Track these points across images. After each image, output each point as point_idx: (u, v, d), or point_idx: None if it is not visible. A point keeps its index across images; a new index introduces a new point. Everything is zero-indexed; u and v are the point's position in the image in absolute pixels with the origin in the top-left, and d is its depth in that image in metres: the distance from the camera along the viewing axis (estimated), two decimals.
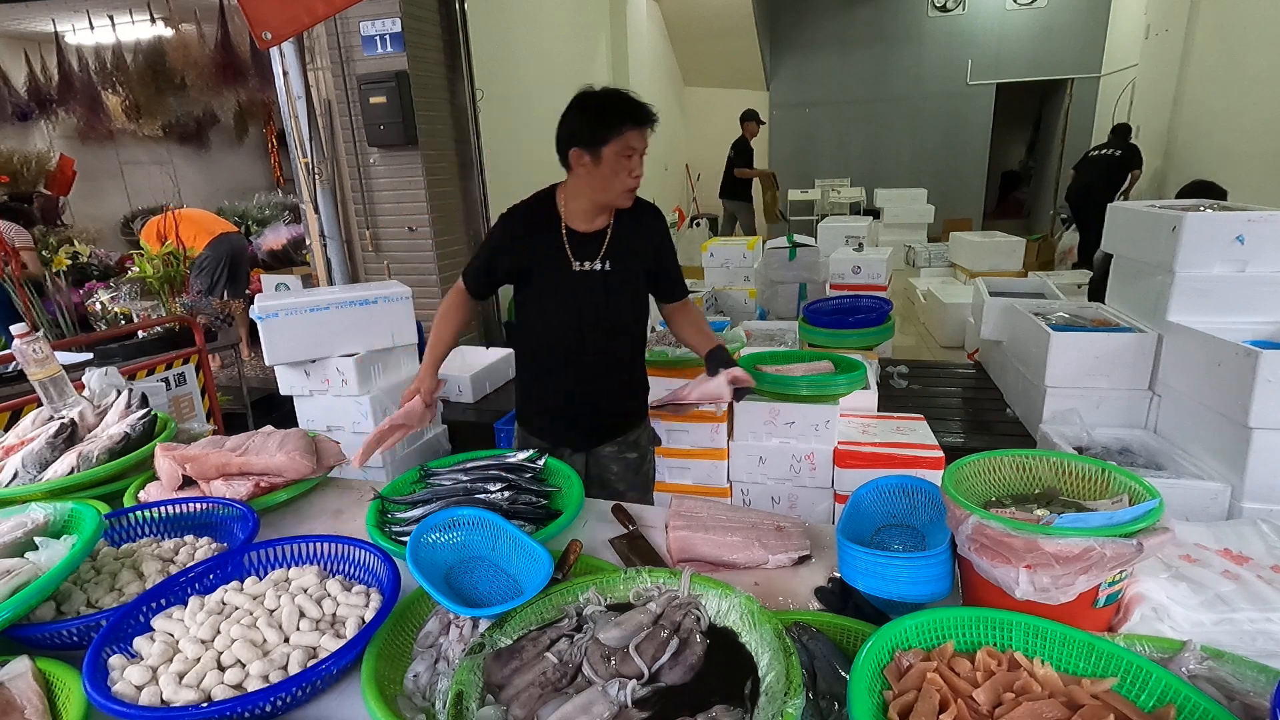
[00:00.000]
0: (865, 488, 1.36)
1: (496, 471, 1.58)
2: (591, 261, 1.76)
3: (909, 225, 9.02)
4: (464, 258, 5.00)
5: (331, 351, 2.96)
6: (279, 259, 6.51)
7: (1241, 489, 2.31)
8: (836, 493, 2.72)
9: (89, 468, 1.62)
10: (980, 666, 0.89)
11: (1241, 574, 1.05)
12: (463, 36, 4.72)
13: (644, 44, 9.10)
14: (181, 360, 3.22)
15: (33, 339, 1.84)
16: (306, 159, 4.27)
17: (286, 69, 4.10)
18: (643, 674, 0.95)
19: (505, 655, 1.01)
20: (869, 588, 1.11)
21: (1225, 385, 2.35)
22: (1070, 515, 0.98)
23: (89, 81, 6.08)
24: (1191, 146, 6.37)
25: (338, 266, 4.53)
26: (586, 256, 1.76)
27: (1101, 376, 2.86)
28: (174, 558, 1.34)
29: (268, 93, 5.72)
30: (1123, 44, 8.64)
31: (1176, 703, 0.81)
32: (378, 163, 4.53)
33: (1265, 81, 5.23)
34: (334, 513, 1.65)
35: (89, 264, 5.45)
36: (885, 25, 11.11)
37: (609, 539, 1.47)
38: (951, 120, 11.17)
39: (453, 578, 1.24)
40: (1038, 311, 3.35)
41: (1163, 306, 2.70)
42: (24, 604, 1.06)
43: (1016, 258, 6.76)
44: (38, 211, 6.15)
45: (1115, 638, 0.92)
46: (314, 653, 1.05)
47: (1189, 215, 2.55)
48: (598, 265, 1.76)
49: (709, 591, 1.09)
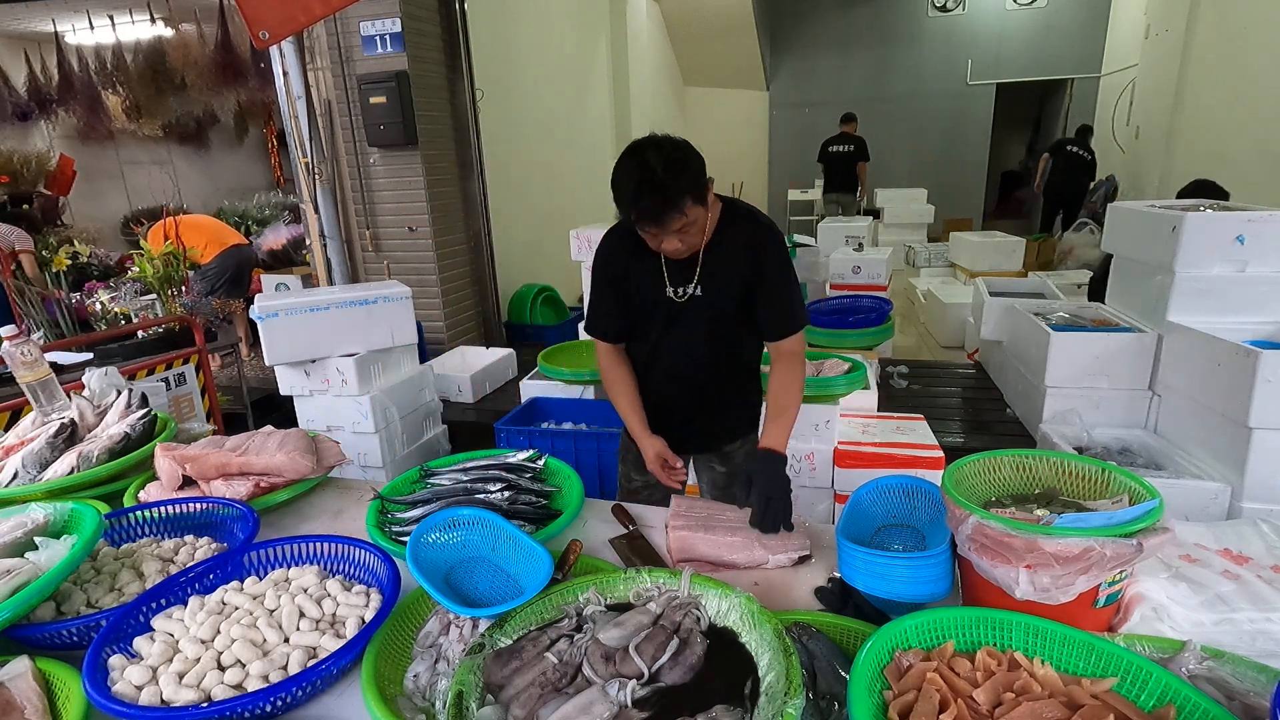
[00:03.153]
0: (865, 488, 1.36)
1: (496, 471, 1.59)
2: (685, 287, 1.65)
3: (909, 225, 9.03)
4: (464, 257, 5.00)
5: (331, 351, 2.96)
6: (279, 259, 6.51)
7: (1241, 489, 2.31)
8: (836, 493, 2.72)
9: (89, 468, 1.62)
10: (980, 666, 0.89)
11: (1241, 574, 1.05)
12: (463, 36, 4.72)
13: (644, 44, 9.10)
14: (181, 360, 3.22)
15: (22, 341, 1.83)
16: (306, 159, 4.26)
17: (286, 69, 4.10)
18: (643, 674, 0.95)
19: (505, 655, 1.01)
20: (869, 588, 1.11)
21: (1225, 385, 2.35)
22: (1070, 515, 0.98)
23: (89, 81, 6.08)
24: (1191, 146, 6.37)
25: (338, 266, 4.53)
26: (682, 282, 1.65)
27: (1101, 376, 2.86)
28: (174, 558, 1.34)
29: (268, 93, 5.73)
30: (1123, 44, 8.63)
31: (1176, 703, 0.81)
32: (378, 163, 4.54)
33: (1265, 82, 5.23)
34: (334, 513, 1.65)
35: (89, 264, 5.45)
36: (885, 25, 11.11)
37: (609, 539, 1.47)
38: (951, 120, 11.17)
39: (453, 578, 1.24)
40: (1038, 311, 3.35)
41: (1163, 306, 2.70)
42: (24, 604, 1.05)
43: (1016, 258, 6.76)
44: (38, 212, 6.16)
45: (1115, 638, 0.91)
46: (314, 653, 1.05)
47: (1189, 215, 2.55)
48: (691, 291, 1.65)
49: (709, 591, 1.09)
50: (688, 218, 1.48)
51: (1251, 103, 5.42)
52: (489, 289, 5.25)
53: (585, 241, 3.99)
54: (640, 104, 8.85)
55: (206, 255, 4.87)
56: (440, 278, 4.71)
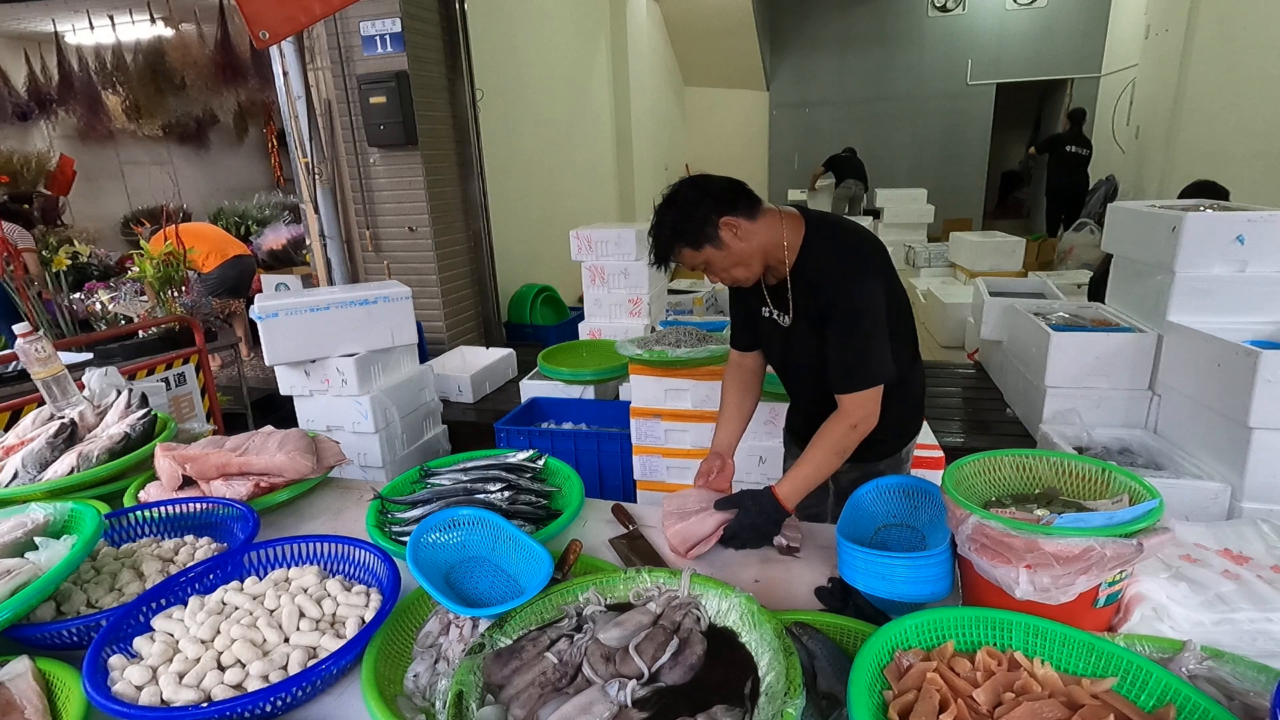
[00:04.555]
0: (865, 488, 1.36)
1: (496, 471, 1.59)
2: (780, 313, 1.66)
3: (909, 225, 9.03)
4: (464, 257, 5.00)
5: (331, 351, 2.95)
6: (279, 259, 6.51)
7: (1241, 489, 2.31)
8: None
9: (89, 468, 1.62)
10: (980, 666, 0.89)
11: (1241, 574, 1.05)
12: (463, 36, 4.72)
13: (644, 44, 9.09)
14: (181, 360, 3.22)
15: (35, 338, 1.85)
16: (306, 159, 4.26)
17: (286, 69, 4.10)
18: (643, 674, 0.95)
19: (505, 655, 1.01)
20: (869, 588, 1.11)
21: (1225, 385, 2.35)
22: (1070, 515, 0.98)
23: (89, 81, 6.08)
24: (1191, 146, 6.37)
25: (338, 266, 4.53)
26: (777, 306, 1.67)
27: (1101, 376, 2.86)
28: (174, 558, 1.34)
29: (268, 93, 5.72)
30: (1123, 44, 8.63)
31: (1176, 703, 0.81)
32: (378, 163, 4.54)
33: (1265, 81, 5.23)
34: (334, 513, 1.65)
35: (89, 264, 5.45)
36: (885, 25, 11.11)
37: (609, 539, 1.47)
38: (951, 120, 11.18)
39: (453, 578, 1.24)
40: (1038, 311, 3.35)
41: (1163, 306, 2.70)
42: (24, 604, 1.06)
43: (1016, 258, 6.76)
44: (37, 212, 6.16)
45: (1115, 638, 0.92)
46: (314, 653, 1.05)
47: (1189, 215, 2.55)
48: (784, 318, 1.65)
49: (709, 591, 1.09)
50: (698, 258, 1.52)
51: (1251, 103, 5.42)
52: (489, 289, 5.25)
53: (585, 241, 4.00)
54: (640, 104, 8.86)
55: (208, 265, 4.87)
56: (440, 278, 4.70)
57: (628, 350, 2.68)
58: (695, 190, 1.51)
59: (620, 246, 3.95)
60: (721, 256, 1.52)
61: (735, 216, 1.49)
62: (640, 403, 2.76)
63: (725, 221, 1.48)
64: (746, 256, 1.54)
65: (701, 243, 1.50)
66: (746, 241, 1.52)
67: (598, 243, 3.97)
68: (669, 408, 2.72)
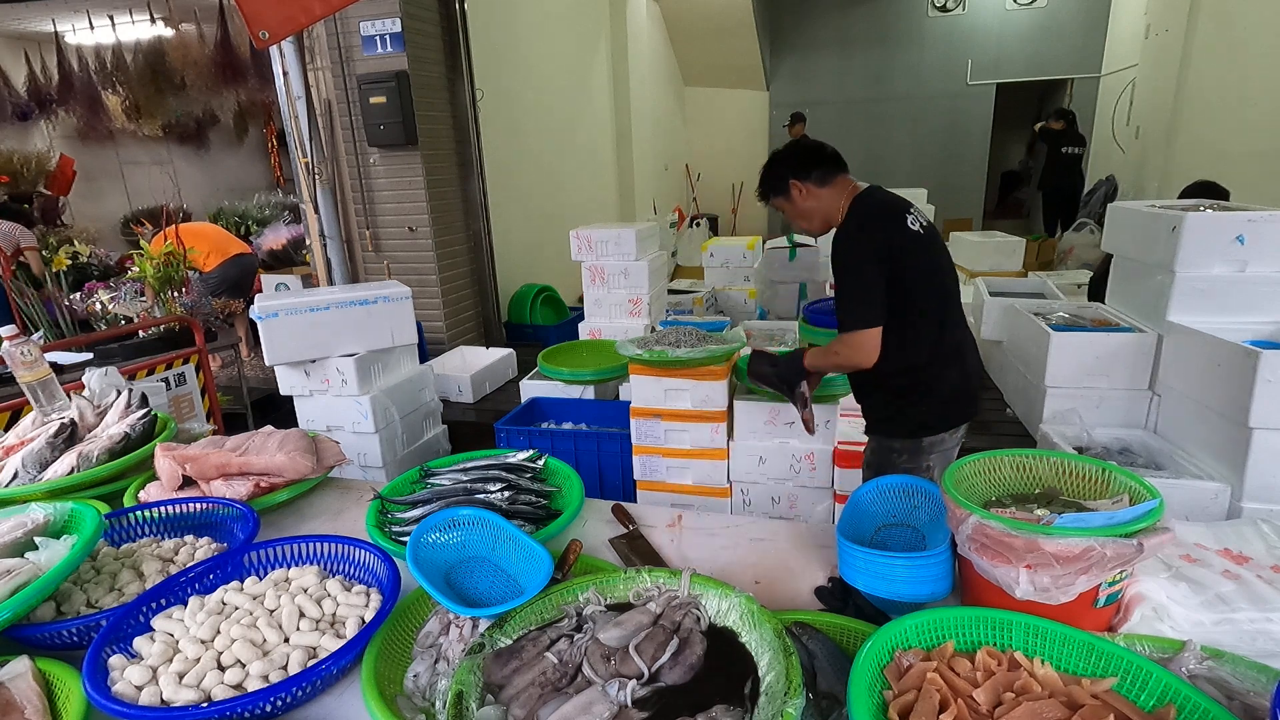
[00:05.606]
0: (865, 488, 1.36)
1: (496, 471, 1.59)
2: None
3: None
4: (464, 257, 5.00)
5: (331, 351, 2.96)
6: (279, 259, 6.51)
7: (1241, 489, 2.31)
8: (836, 493, 2.72)
9: (89, 468, 1.62)
10: (980, 666, 0.89)
11: (1242, 574, 1.05)
12: (463, 36, 4.72)
13: (644, 44, 9.09)
14: (181, 360, 3.22)
15: (21, 341, 1.83)
16: (306, 159, 4.26)
17: (286, 69, 4.10)
18: (643, 674, 0.95)
19: (505, 655, 1.01)
20: (869, 588, 1.11)
21: (1225, 385, 2.35)
22: (1070, 515, 0.98)
23: (89, 81, 6.08)
24: (1191, 146, 6.36)
25: (338, 266, 4.53)
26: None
27: (1101, 376, 2.86)
28: (174, 558, 1.34)
29: (268, 93, 5.73)
30: (1123, 44, 8.63)
31: (1176, 703, 0.81)
32: (378, 163, 4.53)
33: (1265, 81, 5.22)
34: (334, 513, 1.65)
35: (89, 264, 5.45)
36: (885, 25, 11.09)
37: (609, 539, 1.47)
38: (951, 120, 11.16)
39: (453, 578, 1.24)
40: (1038, 311, 3.35)
41: (1163, 306, 2.70)
42: (24, 604, 1.06)
43: (1016, 258, 6.75)
44: (37, 212, 6.16)
45: (1115, 638, 0.92)
46: (314, 653, 1.05)
47: (1189, 215, 2.55)
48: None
49: (709, 591, 1.09)
50: (776, 203, 1.96)
51: (1251, 103, 5.42)
52: (489, 289, 5.25)
53: (585, 241, 4.00)
54: (640, 104, 8.85)
55: (209, 264, 4.87)
56: (440, 278, 4.70)
57: (628, 350, 2.68)
58: (786, 152, 1.95)
59: (620, 246, 3.95)
60: (790, 207, 1.95)
61: (804, 181, 1.89)
62: (640, 403, 2.76)
63: (794, 183, 1.90)
64: (808, 213, 1.93)
65: (775, 194, 1.95)
66: (808, 201, 1.91)
67: (598, 243, 3.97)
68: (669, 408, 2.72)
